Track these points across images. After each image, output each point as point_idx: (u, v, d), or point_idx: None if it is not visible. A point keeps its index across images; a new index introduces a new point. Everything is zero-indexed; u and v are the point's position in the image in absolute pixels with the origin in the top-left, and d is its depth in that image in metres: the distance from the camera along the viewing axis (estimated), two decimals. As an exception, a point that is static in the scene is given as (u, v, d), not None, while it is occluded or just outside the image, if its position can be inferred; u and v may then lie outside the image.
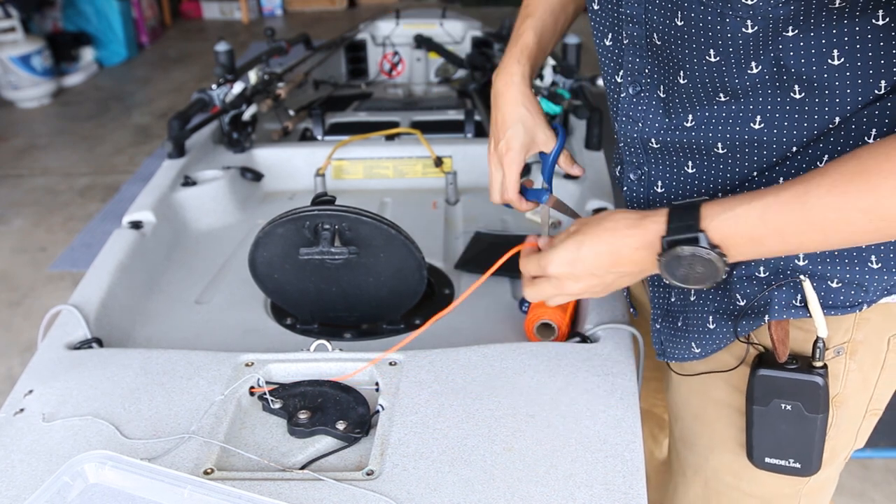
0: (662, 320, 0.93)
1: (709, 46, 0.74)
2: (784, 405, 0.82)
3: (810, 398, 0.81)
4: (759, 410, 0.84)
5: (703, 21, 0.73)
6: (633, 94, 0.86)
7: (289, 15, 6.42)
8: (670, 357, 0.93)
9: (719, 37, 0.73)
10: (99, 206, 3.42)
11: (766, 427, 0.85)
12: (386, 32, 2.58)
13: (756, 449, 0.87)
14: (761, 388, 0.83)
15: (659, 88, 0.83)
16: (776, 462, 0.87)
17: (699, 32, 0.74)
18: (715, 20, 0.72)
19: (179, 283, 1.33)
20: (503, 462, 0.82)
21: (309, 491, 0.79)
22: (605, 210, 1.34)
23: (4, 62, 4.38)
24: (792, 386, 0.81)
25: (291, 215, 1.09)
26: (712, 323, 0.86)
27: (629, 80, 0.86)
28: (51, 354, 1.03)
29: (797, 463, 0.86)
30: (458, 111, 2.00)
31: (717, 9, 0.71)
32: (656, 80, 0.83)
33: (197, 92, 1.67)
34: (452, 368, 0.96)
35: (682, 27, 0.76)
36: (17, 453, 0.85)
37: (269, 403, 0.91)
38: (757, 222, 0.70)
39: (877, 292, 0.78)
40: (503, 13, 2.45)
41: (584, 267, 0.80)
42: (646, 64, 0.84)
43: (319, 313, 1.18)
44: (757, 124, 0.76)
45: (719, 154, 0.80)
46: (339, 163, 1.66)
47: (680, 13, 0.75)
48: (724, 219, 0.71)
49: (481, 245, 1.39)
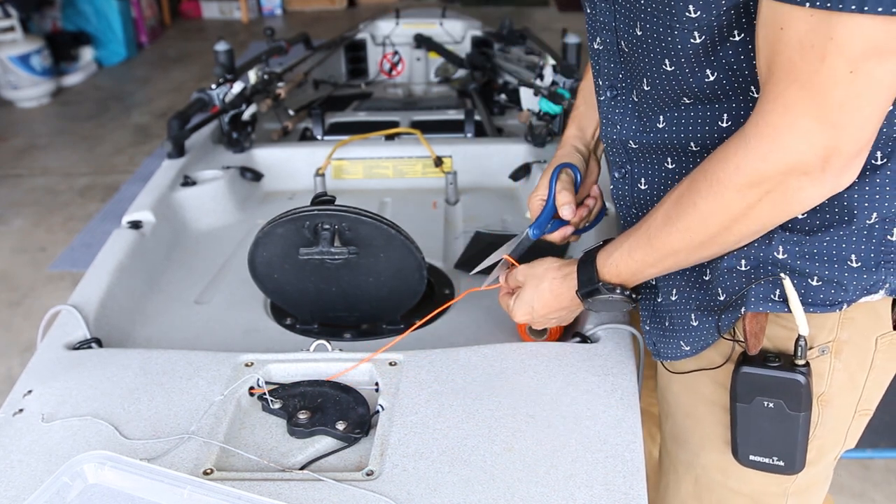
0: (651, 321, 0.95)
1: (664, 56, 0.77)
2: (766, 403, 0.83)
3: (792, 396, 0.81)
4: (742, 408, 0.84)
5: (656, 32, 0.76)
6: (611, 97, 0.90)
7: (288, 15, 6.42)
8: (664, 356, 0.94)
9: (671, 47, 0.76)
10: (99, 206, 3.42)
11: (749, 424, 0.85)
12: (386, 32, 2.57)
13: (741, 446, 0.87)
14: (744, 385, 0.83)
15: (632, 92, 0.86)
16: (760, 460, 0.87)
17: (654, 43, 0.77)
18: (665, 31, 0.75)
19: (179, 283, 1.33)
20: (503, 462, 0.82)
21: (309, 491, 0.79)
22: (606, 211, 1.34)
23: (4, 62, 4.38)
24: (774, 383, 0.82)
25: (291, 215, 1.08)
26: (695, 320, 0.88)
27: (606, 83, 0.90)
28: (50, 354, 1.03)
29: (781, 461, 0.86)
30: (458, 111, 2.00)
31: (665, 21, 0.74)
32: (629, 85, 0.86)
33: (196, 92, 1.66)
34: (452, 368, 0.96)
35: (640, 37, 0.79)
36: (16, 453, 0.85)
37: (268, 403, 0.91)
38: (629, 260, 0.85)
39: (856, 291, 0.78)
40: (503, 13, 2.45)
41: (537, 307, 0.98)
42: (619, 69, 0.87)
43: (319, 313, 1.18)
44: (724, 122, 0.79)
45: (694, 151, 0.83)
46: (339, 163, 1.66)
47: (638, 23, 0.78)
48: (610, 263, 0.88)
49: (481, 245, 1.39)
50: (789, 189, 0.69)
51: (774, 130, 0.67)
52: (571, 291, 0.93)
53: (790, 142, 0.66)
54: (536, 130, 1.65)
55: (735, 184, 0.71)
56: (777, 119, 0.67)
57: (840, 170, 0.68)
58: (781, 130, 0.67)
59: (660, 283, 0.92)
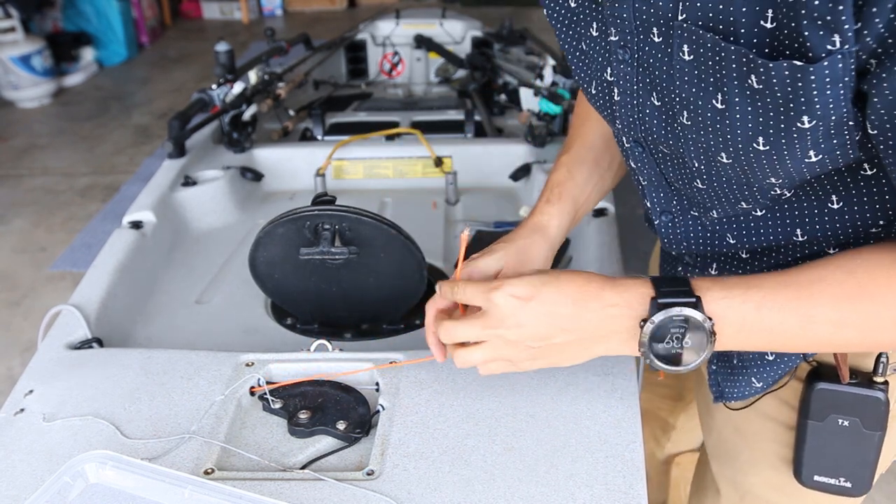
0: (717, 361, 0.88)
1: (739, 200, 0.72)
2: (841, 421, 0.78)
3: (870, 414, 0.78)
4: (813, 426, 0.80)
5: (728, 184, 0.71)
6: (666, 220, 0.84)
7: (289, 15, 6.42)
8: (729, 397, 0.87)
9: None
10: (99, 206, 3.42)
11: (819, 443, 0.81)
12: (386, 32, 2.57)
13: (805, 466, 0.83)
14: (819, 402, 0.79)
15: (690, 211, 0.82)
16: (826, 481, 0.83)
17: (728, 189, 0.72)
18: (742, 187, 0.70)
19: (179, 283, 1.33)
20: (503, 462, 0.82)
21: (309, 491, 0.79)
22: (606, 211, 1.34)
23: (4, 62, 4.38)
24: (852, 401, 0.77)
25: (291, 215, 1.09)
26: (771, 354, 0.82)
27: (658, 209, 0.84)
28: (51, 354, 1.03)
29: (848, 482, 0.82)
30: (458, 111, 2.00)
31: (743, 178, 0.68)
32: (686, 206, 0.82)
33: (197, 92, 1.66)
34: (452, 368, 0.96)
35: (725, 166, 0.70)
36: (17, 453, 0.85)
37: (269, 403, 0.91)
38: (750, 314, 0.67)
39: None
40: (503, 13, 2.45)
41: (538, 309, 0.70)
42: (672, 196, 0.82)
43: (319, 313, 1.18)
44: (800, 237, 0.75)
45: (764, 248, 0.78)
46: (339, 163, 1.66)
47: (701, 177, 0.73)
48: (717, 297, 0.67)
49: (481, 244, 1.39)
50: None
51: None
52: (628, 295, 0.69)
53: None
54: (536, 131, 1.66)
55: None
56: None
57: None
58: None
59: None
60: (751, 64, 0.58)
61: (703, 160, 0.69)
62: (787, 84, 0.57)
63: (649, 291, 0.69)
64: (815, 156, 0.61)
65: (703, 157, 0.69)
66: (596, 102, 0.81)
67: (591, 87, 0.80)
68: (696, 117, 0.66)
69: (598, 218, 1.32)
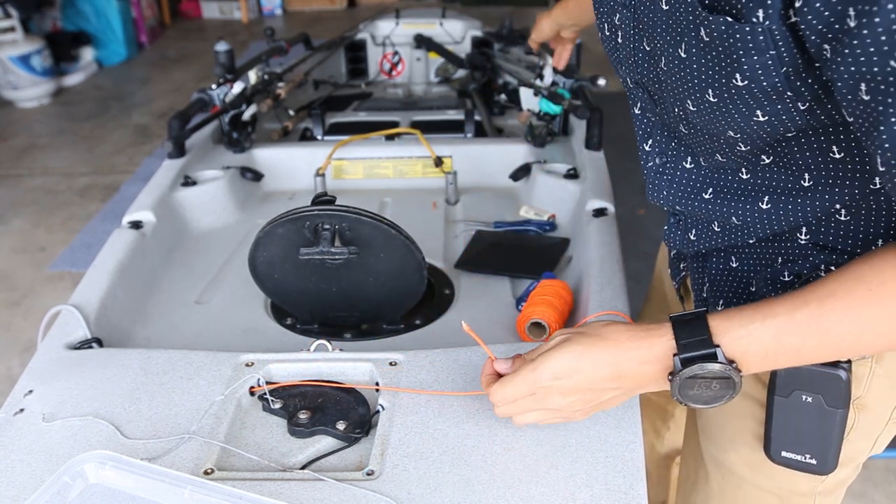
0: None
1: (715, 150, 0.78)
2: (805, 397, 0.81)
3: (832, 391, 0.80)
4: (779, 401, 0.83)
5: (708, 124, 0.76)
6: (660, 164, 0.91)
7: (288, 14, 6.42)
8: None
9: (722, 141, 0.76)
10: (99, 206, 3.42)
11: (785, 419, 0.84)
12: (386, 32, 2.57)
13: (773, 441, 0.86)
14: (784, 377, 0.82)
15: (685, 160, 0.87)
16: (793, 457, 0.86)
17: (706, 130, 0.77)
18: None
19: (179, 283, 1.33)
20: (503, 462, 0.82)
21: (309, 491, 0.79)
22: (606, 211, 1.34)
23: (4, 62, 4.38)
24: (815, 377, 0.80)
25: (291, 215, 1.09)
26: None
27: (656, 150, 0.91)
28: (51, 354, 1.03)
29: (813, 459, 0.85)
30: (458, 111, 2.00)
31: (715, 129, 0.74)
32: (682, 153, 0.87)
33: (197, 92, 1.66)
34: (452, 368, 0.96)
35: (693, 114, 0.76)
36: (17, 453, 0.85)
37: (269, 403, 0.91)
38: (771, 342, 0.70)
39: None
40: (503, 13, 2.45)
41: (580, 379, 0.75)
42: (671, 140, 0.88)
43: (319, 313, 1.18)
44: (765, 204, 0.79)
45: (736, 225, 0.84)
46: (339, 163, 1.66)
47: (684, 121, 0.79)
48: (737, 336, 0.71)
49: (482, 244, 1.39)
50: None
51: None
52: (655, 352, 0.73)
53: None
54: (536, 130, 1.66)
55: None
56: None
57: None
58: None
59: (695, 285, 0.92)
60: (700, 16, 0.65)
61: (679, 106, 0.76)
62: (724, 39, 0.64)
63: (672, 346, 0.73)
64: (763, 116, 0.68)
65: (678, 103, 0.76)
66: (607, 45, 0.89)
67: (605, 29, 0.88)
68: (670, 64, 0.73)
69: (598, 218, 1.32)
